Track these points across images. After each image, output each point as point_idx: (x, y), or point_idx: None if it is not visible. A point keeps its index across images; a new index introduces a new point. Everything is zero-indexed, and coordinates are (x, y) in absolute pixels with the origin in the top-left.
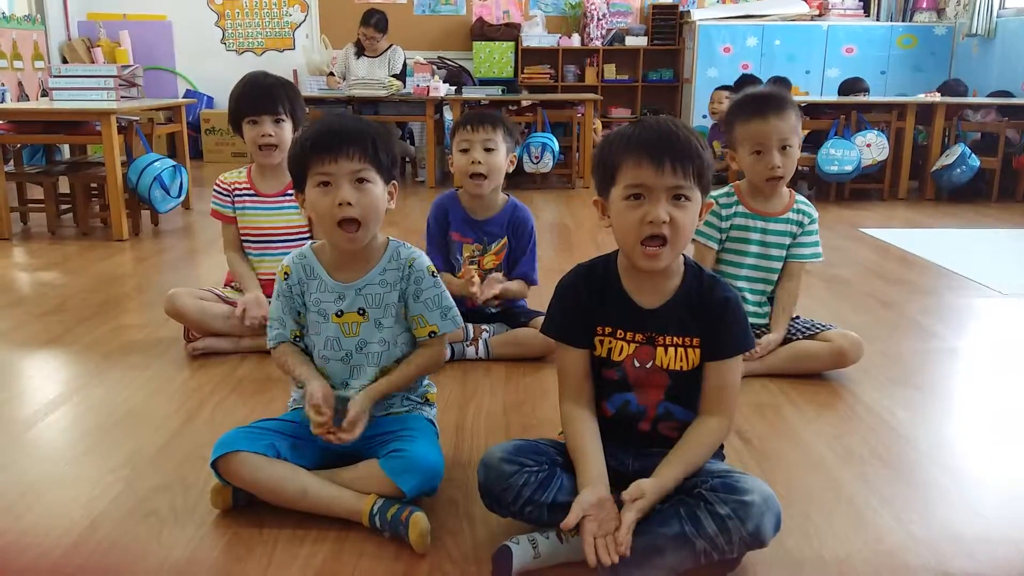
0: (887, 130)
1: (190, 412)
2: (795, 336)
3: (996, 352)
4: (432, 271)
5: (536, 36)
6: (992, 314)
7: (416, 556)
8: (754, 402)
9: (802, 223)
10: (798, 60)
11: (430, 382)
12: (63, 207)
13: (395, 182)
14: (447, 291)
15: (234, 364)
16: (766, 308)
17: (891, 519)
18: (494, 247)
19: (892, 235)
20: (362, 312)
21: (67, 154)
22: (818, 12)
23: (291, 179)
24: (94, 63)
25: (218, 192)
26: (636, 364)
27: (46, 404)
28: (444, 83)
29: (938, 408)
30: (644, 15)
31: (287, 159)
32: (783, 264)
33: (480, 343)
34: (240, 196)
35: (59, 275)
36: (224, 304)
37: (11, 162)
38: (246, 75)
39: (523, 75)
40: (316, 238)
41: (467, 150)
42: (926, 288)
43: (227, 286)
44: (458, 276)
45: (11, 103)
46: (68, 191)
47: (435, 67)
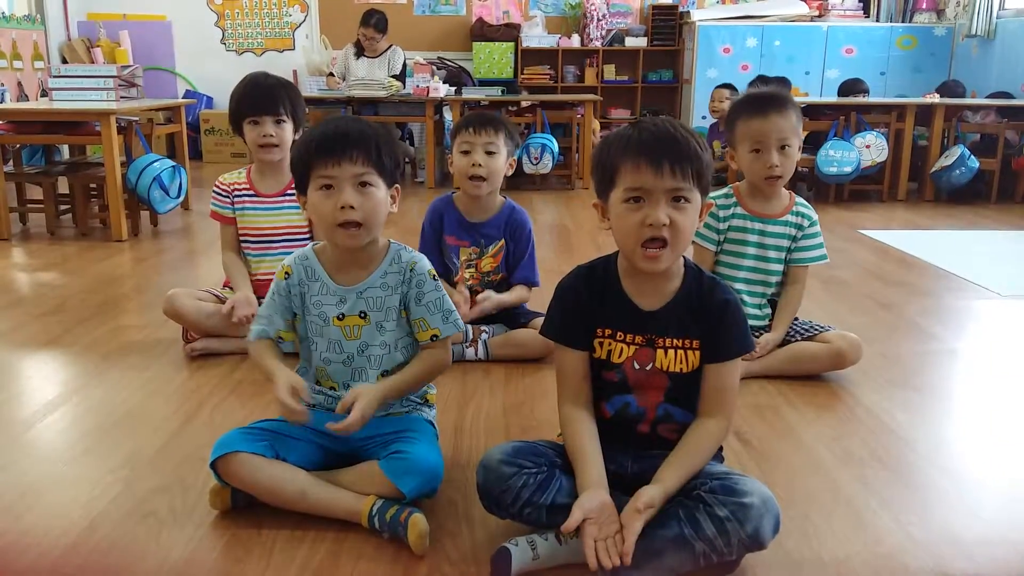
0: (886, 131)
1: (189, 413)
2: (794, 337)
3: (995, 354)
4: (433, 275)
5: (536, 37)
6: (991, 316)
7: (415, 557)
8: (753, 403)
9: (801, 226)
10: (798, 61)
11: (430, 383)
12: (62, 207)
13: (398, 185)
14: (447, 295)
15: (233, 365)
16: (766, 310)
17: (890, 521)
18: (491, 249)
19: (891, 236)
20: (363, 315)
21: (66, 154)
22: (818, 13)
23: (293, 179)
24: (94, 63)
25: (217, 193)
26: (636, 366)
27: (45, 405)
28: (444, 84)
29: (937, 410)
30: (644, 16)
31: (290, 159)
32: (786, 268)
33: (479, 344)
34: (240, 196)
35: (58, 276)
36: (223, 305)
37: (10, 162)
38: (247, 76)
39: (523, 76)
40: (316, 239)
41: (468, 152)
42: (925, 289)
43: (226, 287)
44: (455, 280)
45: (10, 103)
46: (67, 191)
47: (435, 68)
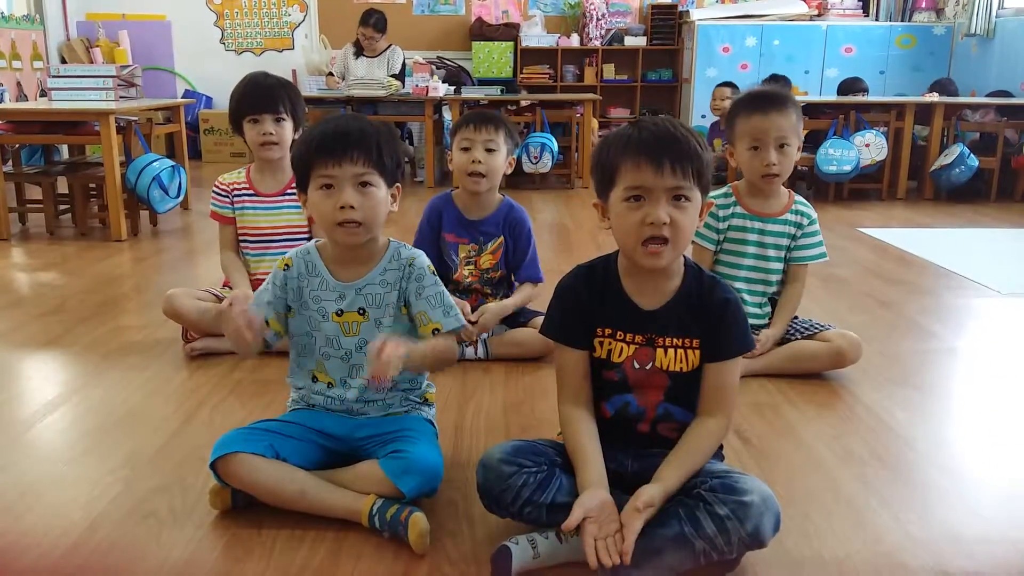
0: (886, 130)
1: (189, 413)
2: (794, 336)
3: (995, 352)
4: (432, 270)
5: (535, 36)
6: (991, 314)
7: (415, 556)
8: (753, 402)
9: (801, 224)
10: (797, 60)
11: (429, 382)
12: (62, 207)
13: (399, 184)
14: (446, 291)
15: (232, 365)
16: (766, 309)
17: (890, 519)
18: (490, 246)
19: (891, 235)
20: (362, 312)
21: (66, 154)
22: (817, 12)
23: (294, 177)
24: (93, 63)
25: (217, 193)
26: (636, 366)
27: (45, 405)
28: (443, 83)
29: (937, 408)
30: (643, 15)
31: (291, 157)
32: (786, 267)
33: (479, 343)
34: (239, 196)
35: (58, 276)
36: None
37: (10, 162)
38: (247, 75)
39: (522, 75)
40: (316, 237)
41: (468, 149)
42: (925, 288)
43: (225, 287)
44: (454, 277)
45: (10, 103)
46: (67, 191)
47: (434, 67)
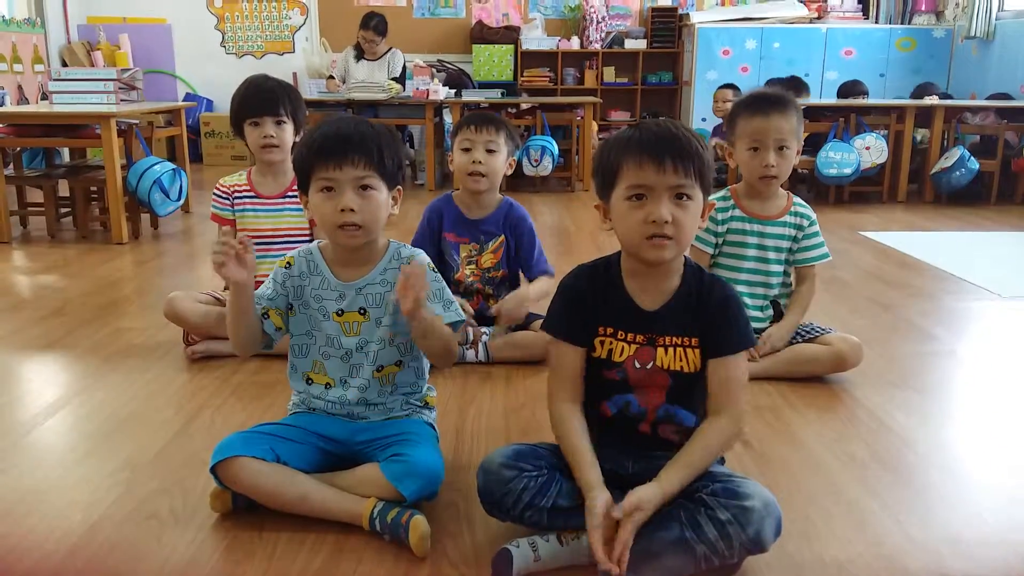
0: (886, 133)
1: (190, 415)
2: (795, 340)
3: (995, 355)
4: (432, 267)
5: (535, 39)
6: (991, 317)
7: (416, 559)
8: (754, 405)
9: (801, 226)
10: (797, 63)
11: (430, 385)
12: (63, 210)
13: (399, 187)
14: (447, 288)
15: (233, 367)
16: (767, 312)
17: (891, 522)
18: (491, 245)
19: (891, 238)
20: (363, 312)
21: (67, 158)
22: (817, 15)
23: (295, 178)
24: (94, 66)
25: (218, 196)
26: (637, 365)
27: (46, 408)
28: (443, 86)
29: (938, 411)
30: (643, 18)
31: (292, 159)
32: (791, 269)
33: (480, 346)
34: (240, 198)
35: (59, 278)
36: (223, 307)
37: (11, 165)
38: (247, 78)
39: (522, 78)
40: (317, 238)
41: (469, 149)
42: (925, 291)
43: (226, 289)
44: (455, 277)
45: (11, 106)
46: (68, 195)
47: (434, 70)
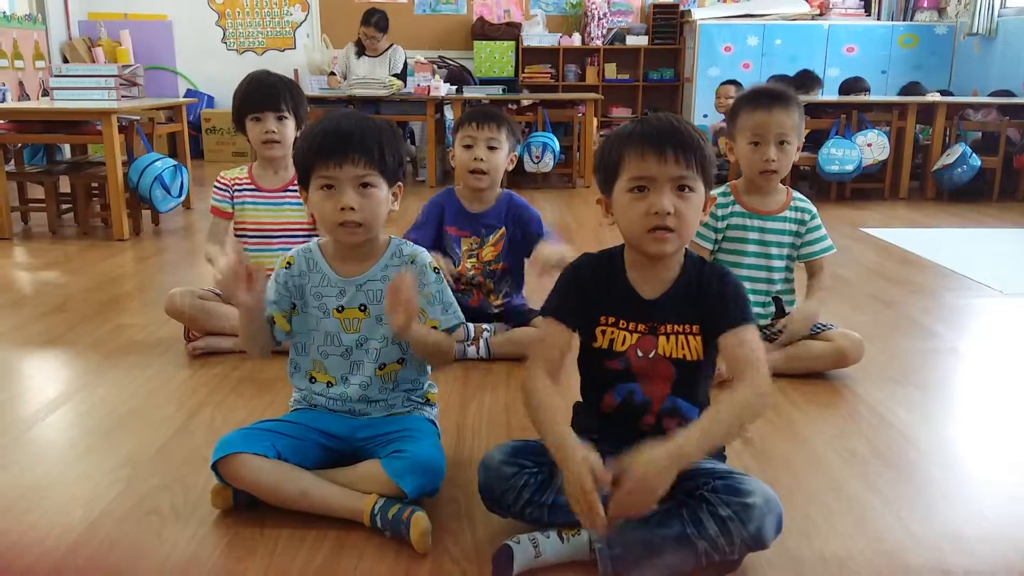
0: (888, 130)
1: (191, 412)
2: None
3: (997, 352)
4: (434, 267)
5: (537, 35)
6: (993, 314)
7: (417, 556)
8: None
9: (803, 220)
10: (799, 60)
11: (431, 382)
12: (64, 207)
13: (400, 183)
14: (448, 288)
15: (234, 363)
16: (769, 308)
17: (892, 518)
18: (491, 239)
19: (893, 235)
20: (363, 308)
21: (68, 154)
22: (819, 11)
23: (296, 174)
24: (95, 63)
25: (218, 188)
26: (639, 354)
27: (47, 404)
28: (445, 83)
29: (939, 408)
30: (645, 14)
31: (293, 155)
32: (805, 266)
33: (481, 343)
34: (240, 191)
35: (60, 275)
36: (224, 304)
37: (12, 162)
38: (249, 74)
39: (524, 74)
40: (320, 233)
41: (470, 146)
42: (927, 288)
43: None
44: (457, 270)
45: (12, 103)
46: (69, 191)
47: (436, 66)
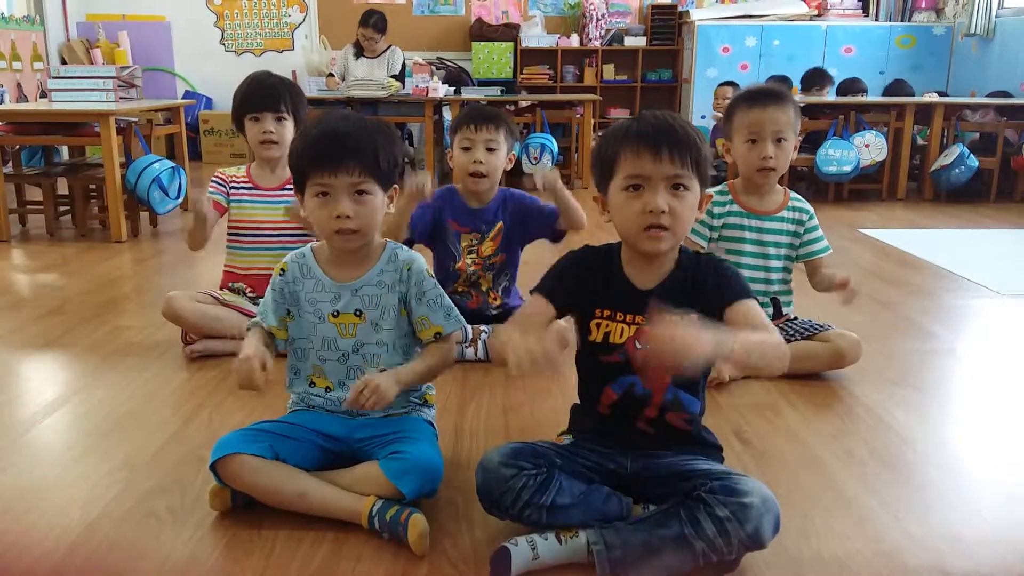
0: (886, 131)
1: (188, 414)
2: (793, 337)
3: (995, 353)
4: (430, 273)
5: (535, 36)
6: (990, 315)
7: (415, 558)
8: (753, 402)
9: (801, 220)
10: (797, 60)
11: (429, 383)
12: (62, 209)
13: (396, 185)
14: (445, 293)
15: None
16: (768, 310)
17: (890, 519)
18: (491, 233)
19: (891, 235)
20: (359, 313)
21: (66, 155)
22: (817, 12)
23: (292, 176)
24: (93, 64)
25: (215, 182)
26: (638, 345)
27: (45, 406)
28: (443, 84)
29: (937, 409)
30: (643, 15)
31: (288, 156)
32: (805, 266)
33: (479, 344)
34: (237, 189)
35: (58, 277)
36: (221, 307)
37: (10, 164)
38: (250, 74)
39: (522, 76)
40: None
41: (469, 148)
42: (925, 288)
43: (223, 288)
44: (456, 267)
45: (10, 104)
46: (67, 193)
47: (434, 68)
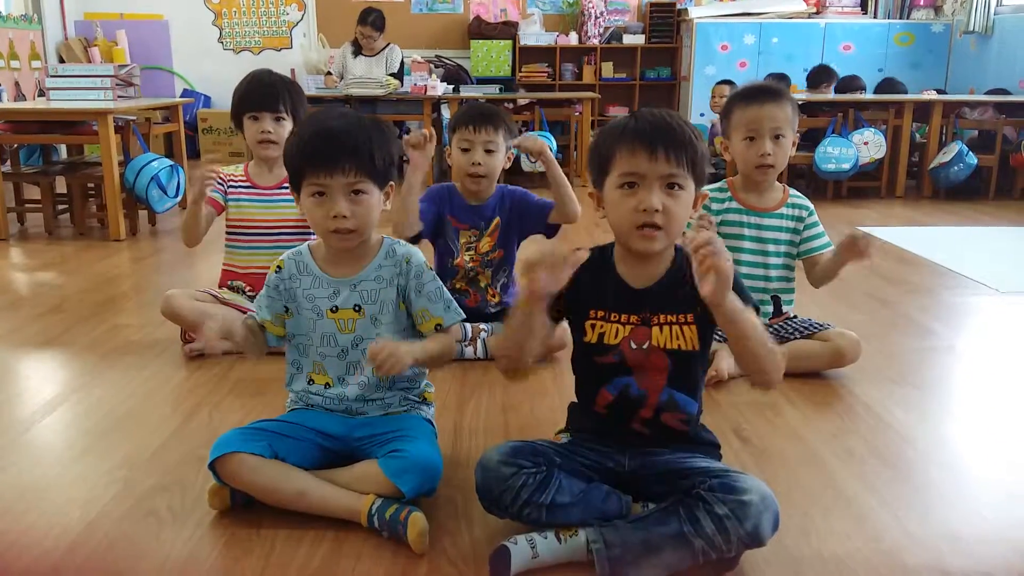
0: (884, 128)
1: (187, 413)
2: (793, 336)
3: (994, 350)
4: (429, 266)
5: (534, 34)
6: (989, 312)
7: (414, 556)
8: (752, 401)
9: (800, 217)
10: (796, 58)
11: (428, 381)
12: (60, 207)
13: (392, 183)
14: (444, 287)
15: (231, 364)
16: (767, 307)
17: (889, 518)
18: (488, 230)
19: (890, 233)
20: (358, 308)
21: (64, 154)
22: (815, 10)
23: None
24: (91, 63)
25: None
26: (633, 346)
27: (44, 405)
28: (442, 82)
29: (936, 407)
30: (642, 13)
31: (283, 155)
32: (803, 262)
33: (478, 343)
34: (235, 187)
35: (56, 275)
36: (220, 305)
37: (8, 162)
38: (251, 72)
39: (521, 73)
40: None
41: (468, 150)
42: (924, 286)
43: (222, 287)
44: (454, 263)
45: (8, 103)
46: (65, 191)
47: (432, 66)
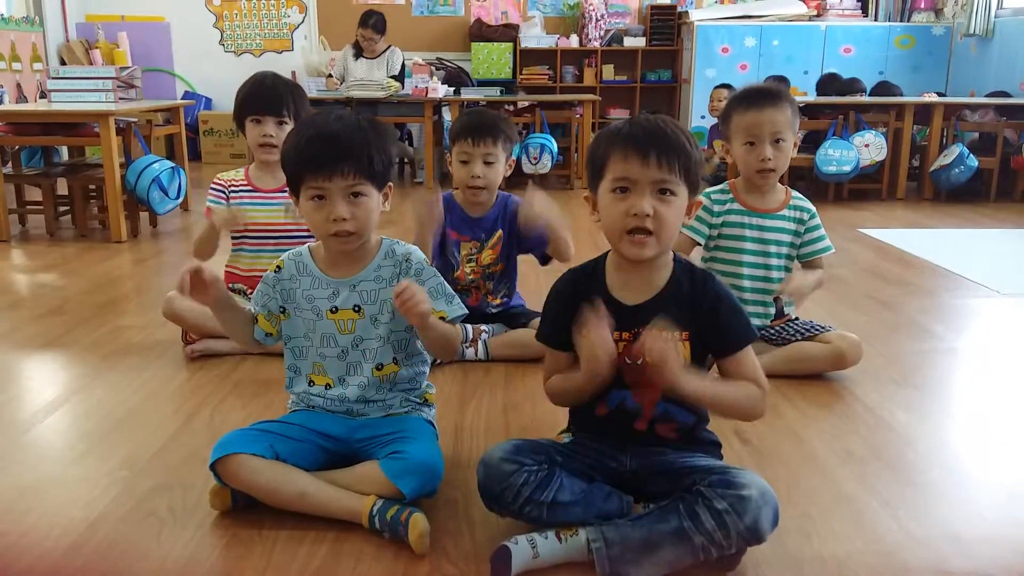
0: (885, 130)
1: (189, 414)
2: (794, 338)
3: (995, 352)
4: (429, 263)
5: (534, 37)
6: (991, 314)
7: (415, 557)
8: None
9: (802, 219)
10: (796, 60)
11: (429, 383)
12: (61, 209)
13: (390, 184)
14: (446, 282)
15: (232, 365)
16: (770, 309)
17: (890, 519)
18: (490, 242)
19: (891, 235)
20: (357, 309)
21: (65, 156)
22: (816, 12)
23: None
24: (92, 65)
25: (214, 189)
26: (627, 361)
27: (45, 406)
28: (442, 84)
29: (937, 408)
30: (642, 16)
31: (281, 158)
32: (804, 263)
33: (479, 344)
34: (237, 192)
35: (58, 277)
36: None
37: (9, 164)
38: (255, 74)
39: (521, 76)
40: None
41: (467, 162)
42: (925, 288)
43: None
44: (456, 275)
45: (9, 105)
46: (66, 193)
47: (433, 68)
